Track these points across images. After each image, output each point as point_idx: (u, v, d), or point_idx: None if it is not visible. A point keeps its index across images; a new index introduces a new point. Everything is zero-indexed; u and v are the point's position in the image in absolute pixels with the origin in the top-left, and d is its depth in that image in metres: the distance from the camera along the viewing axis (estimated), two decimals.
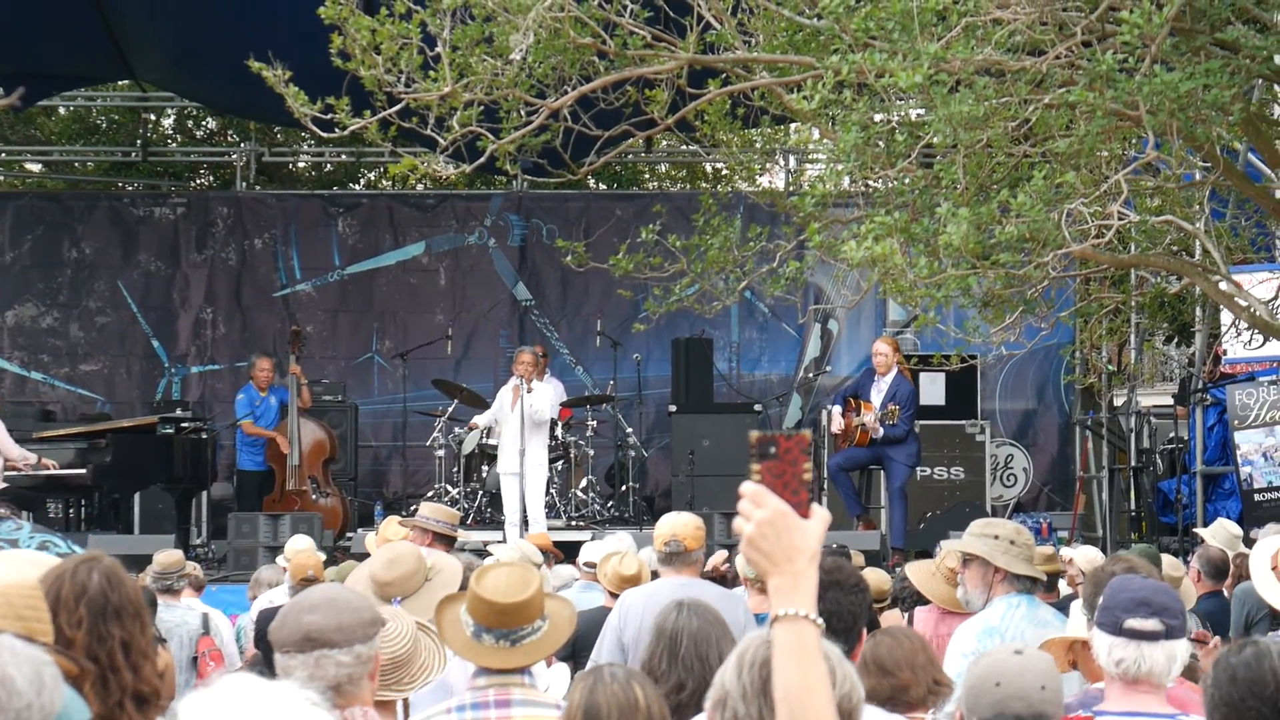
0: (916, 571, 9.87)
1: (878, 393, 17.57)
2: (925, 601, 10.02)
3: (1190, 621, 9.86)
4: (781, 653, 3.34)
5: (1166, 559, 10.55)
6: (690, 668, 5.74)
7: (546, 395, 17.99)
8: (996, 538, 7.82)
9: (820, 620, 3.35)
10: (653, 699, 4.74)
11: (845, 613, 5.93)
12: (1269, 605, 7.17)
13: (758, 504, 3.37)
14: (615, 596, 9.57)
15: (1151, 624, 5.22)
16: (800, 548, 3.35)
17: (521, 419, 17.38)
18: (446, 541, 11.12)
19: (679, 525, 8.78)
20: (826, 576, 5.64)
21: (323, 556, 12.53)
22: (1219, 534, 11.83)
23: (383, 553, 8.04)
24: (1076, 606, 7.39)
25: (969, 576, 7.96)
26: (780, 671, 3.34)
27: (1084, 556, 11.10)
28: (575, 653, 8.97)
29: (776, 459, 3.41)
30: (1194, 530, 14.61)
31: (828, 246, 10.20)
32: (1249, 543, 12.15)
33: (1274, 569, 6.82)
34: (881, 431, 17.31)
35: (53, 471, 17.65)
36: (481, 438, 18.96)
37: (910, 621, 9.97)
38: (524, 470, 17.41)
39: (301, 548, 12.24)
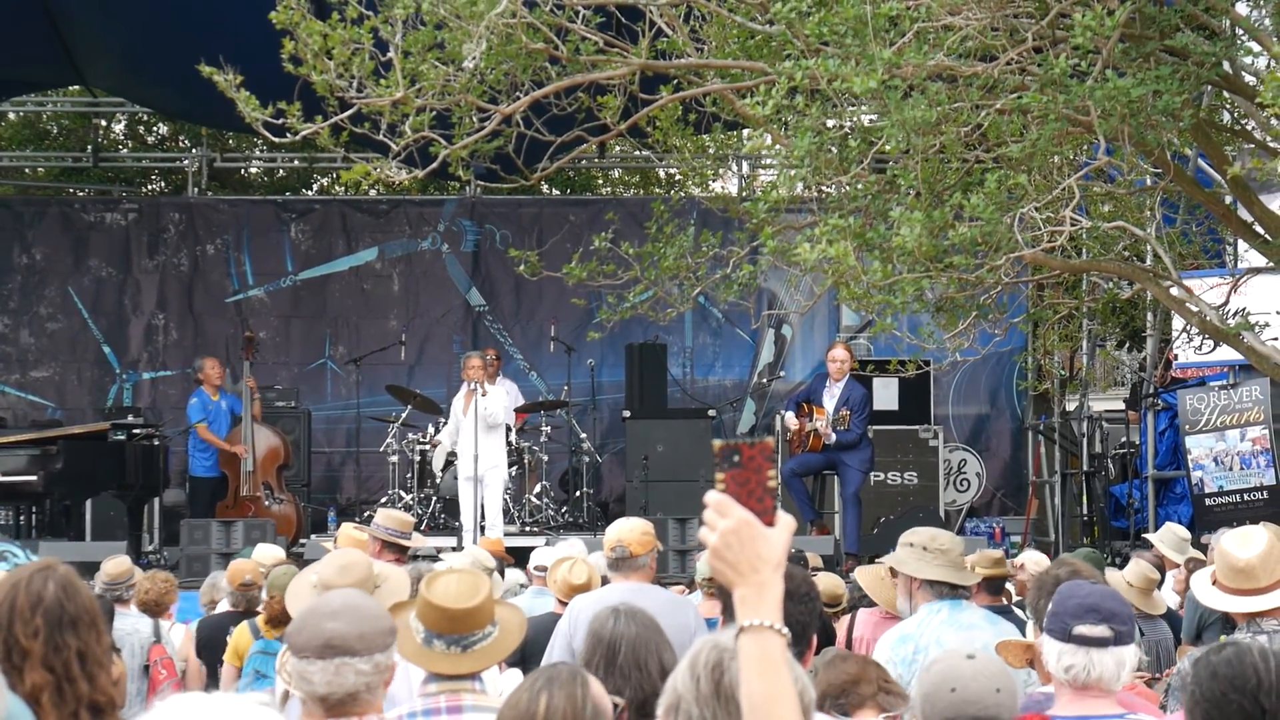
0: (866, 575, 9.89)
1: (830, 398, 17.59)
2: (873, 603, 10.06)
3: (1148, 631, 9.91)
4: (747, 664, 3.32)
5: (1142, 567, 10.54)
6: (628, 675, 5.70)
7: (499, 398, 17.95)
8: (911, 545, 7.86)
9: (786, 630, 3.34)
10: (556, 711, 4.57)
11: (794, 622, 5.87)
12: (1218, 611, 7.21)
13: (722, 514, 3.33)
14: (565, 604, 9.54)
15: (1100, 630, 5.23)
16: (765, 557, 3.33)
17: (475, 422, 17.34)
18: (398, 550, 11.05)
19: (624, 531, 8.75)
20: None
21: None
22: (1168, 539, 11.86)
23: (334, 559, 8.00)
24: None
25: (899, 586, 8.04)
26: (746, 683, 3.33)
27: (1033, 561, 11.12)
28: (525, 658, 8.94)
29: (740, 467, 3.36)
30: (1144, 535, 14.64)
31: (782, 251, 10.21)
32: (1201, 547, 12.20)
33: (1214, 584, 6.86)
34: (834, 437, 17.33)
35: (2, 479, 17.55)
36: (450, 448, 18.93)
37: (852, 623, 10.02)
38: (480, 474, 17.36)
39: (257, 555, 12.18)
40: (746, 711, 3.32)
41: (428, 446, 19.37)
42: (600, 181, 29.98)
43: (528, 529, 18.89)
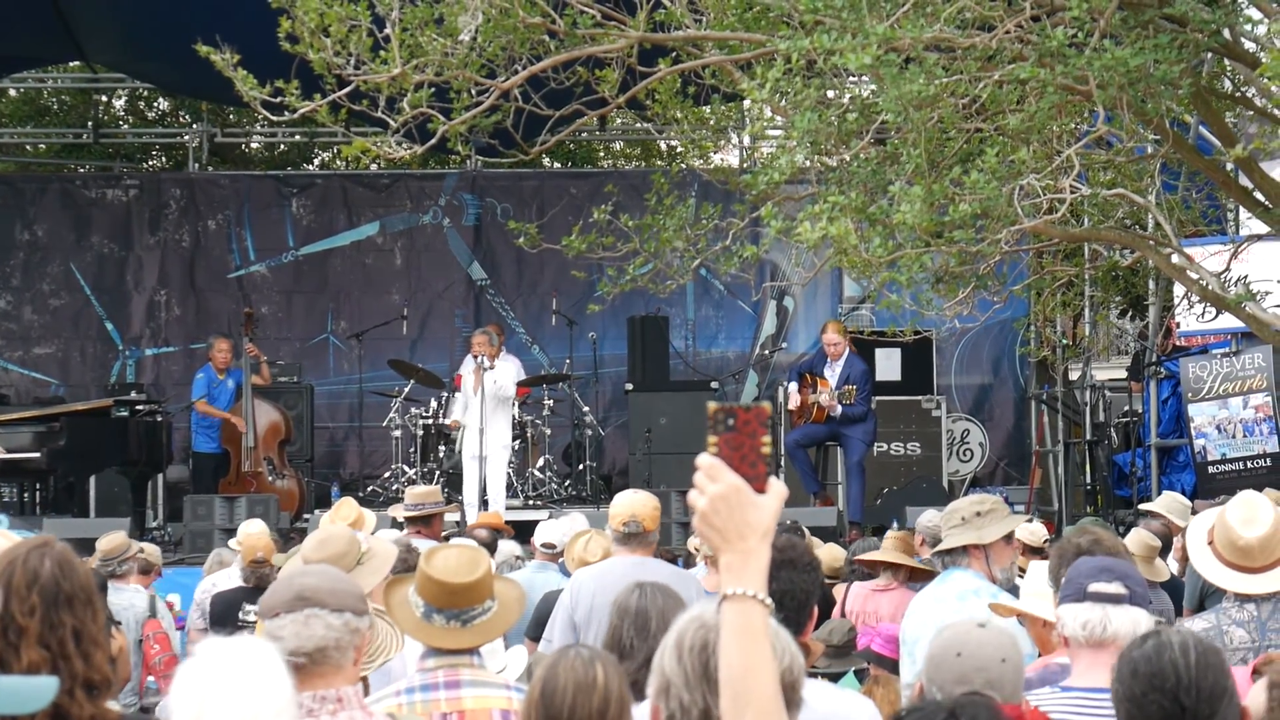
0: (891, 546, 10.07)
1: (832, 374, 17.63)
2: (866, 577, 10.20)
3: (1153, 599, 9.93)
4: (728, 633, 3.27)
5: (1142, 535, 10.54)
6: None
7: (509, 372, 18.00)
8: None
9: (769, 600, 3.29)
10: (613, 679, 4.57)
11: (798, 591, 5.92)
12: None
13: (712, 478, 3.28)
14: None
15: (1115, 587, 5.33)
16: (754, 524, 3.27)
17: (483, 398, 17.34)
18: (422, 521, 11.06)
19: (637, 505, 8.70)
20: (780, 555, 5.65)
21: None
22: (1173, 506, 11.84)
23: (314, 535, 8.08)
24: (1035, 567, 7.43)
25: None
26: (725, 652, 3.27)
27: (1029, 533, 11.07)
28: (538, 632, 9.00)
29: (734, 431, 3.31)
30: (1142, 506, 14.62)
31: (785, 230, 10.17)
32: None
33: (1210, 544, 6.84)
34: (840, 410, 17.35)
35: (6, 455, 17.57)
36: (443, 415, 18.92)
37: (845, 596, 10.14)
38: (486, 450, 17.37)
39: (254, 530, 12.21)
40: (724, 683, 3.28)
41: (430, 421, 19.39)
42: (601, 154, 29.94)
43: (530, 502, 18.93)
